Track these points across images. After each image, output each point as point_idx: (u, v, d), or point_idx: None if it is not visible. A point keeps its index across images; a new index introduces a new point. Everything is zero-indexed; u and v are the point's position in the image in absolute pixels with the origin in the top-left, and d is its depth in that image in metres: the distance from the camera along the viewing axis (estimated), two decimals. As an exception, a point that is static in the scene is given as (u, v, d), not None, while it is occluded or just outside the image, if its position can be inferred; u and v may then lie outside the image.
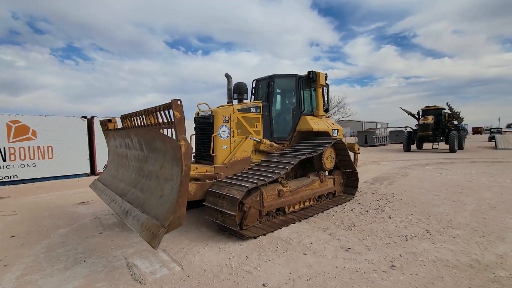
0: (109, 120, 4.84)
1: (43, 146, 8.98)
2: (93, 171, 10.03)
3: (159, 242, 2.41)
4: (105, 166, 5.16)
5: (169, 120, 2.80)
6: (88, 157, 9.88)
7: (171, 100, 2.57)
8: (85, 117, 9.95)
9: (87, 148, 9.87)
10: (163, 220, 2.51)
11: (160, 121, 2.94)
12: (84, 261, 3.21)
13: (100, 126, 5.09)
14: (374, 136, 24.89)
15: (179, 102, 2.59)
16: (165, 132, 2.96)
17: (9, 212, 5.41)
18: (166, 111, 2.78)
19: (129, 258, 3.24)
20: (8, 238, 4.02)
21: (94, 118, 10.01)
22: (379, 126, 44.09)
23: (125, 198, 3.50)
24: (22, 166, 8.63)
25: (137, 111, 3.39)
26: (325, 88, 6.08)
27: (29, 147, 8.73)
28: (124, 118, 3.84)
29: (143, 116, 3.25)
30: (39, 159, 8.90)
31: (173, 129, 2.70)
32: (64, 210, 5.50)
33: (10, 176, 8.44)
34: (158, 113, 2.91)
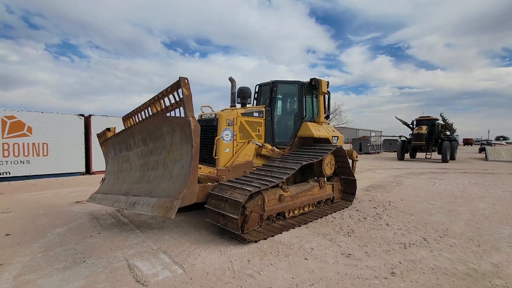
0: (108, 129, 4.79)
1: (38, 143, 8.85)
2: (88, 170, 9.90)
3: (175, 212, 2.40)
4: (103, 180, 5.06)
5: (177, 99, 2.79)
6: (84, 155, 9.76)
7: (179, 77, 2.58)
8: (82, 115, 9.85)
9: (83, 146, 9.76)
10: (176, 194, 2.51)
11: (167, 104, 2.93)
12: (84, 261, 3.17)
13: (98, 124, 5.05)
14: (368, 144, 25.23)
15: (186, 80, 2.59)
16: (172, 115, 2.97)
17: (3, 210, 5.30)
18: (175, 93, 2.78)
19: (130, 259, 3.21)
20: (3, 236, 3.94)
21: (92, 117, 9.92)
22: (373, 134, 44.68)
23: (130, 195, 3.48)
24: (16, 162, 8.47)
25: (141, 105, 3.39)
26: (326, 96, 6.18)
27: (23, 143, 8.59)
28: (126, 118, 3.84)
29: (149, 108, 3.24)
30: (33, 156, 8.75)
31: (181, 108, 2.70)
32: (60, 209, 5.42)
33: (3, 173, 8.28)
34: (166, 98, 2.91)
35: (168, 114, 2.98)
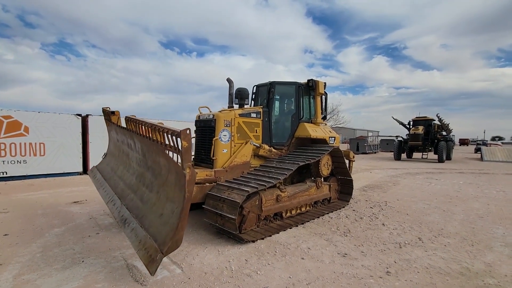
0: (113, 113, 4.71)
1: (35, 143, 8.81)
2: (85, 170, 9.87)
3: (157, 268, 2.40)
4: (105, 155, 5.05)
5: (176, 147, 2.78)
6: (81, 155, 9.74)
7: (180, 130, 2.56)
8: (79, 115, 9.82)
9: (80, 146, 9.73)
10: (161, 244, 2.49)
11: (167, 142, 2.89)
12: (83, 261, 3.19)
13: (96, 124, 4.96)
14: (365, 144, 25.36)
15: (187, 132, 2.58)
16: (169, 154, 2.93)
17: (1, 210, 5.29)
18: (174, 137, 2.76)
19: (129, 259, 3.24)
20: (2, 237, 3.94)
21: (89, 116, 9.89)
22: (370, 134, 44.88)
23: (124, 203, 3.47)
24: (13, 162, 8.44)
25: (143, 121, 3.31)
26: (323, 96, 6.22)
27: (20, 143, 8.56)
28: (128, 120, 3.83)
29: (149, 129, 3.17)
30: (30, 156, 8.72)
31: (179, 156, 2.68)
32: (57, 209, 5.42)
33: (0, 173, 8.24)
34: (165, 134, 2.87)
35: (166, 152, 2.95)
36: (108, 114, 4.77)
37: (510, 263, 3.28)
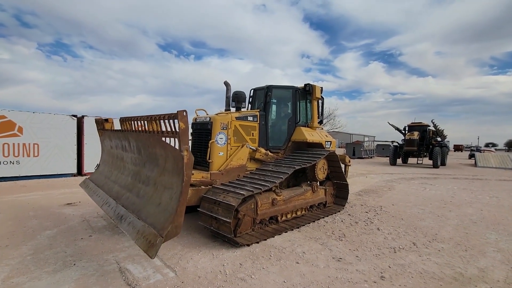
0: (106, 120, 4.74)
1: (29, 144, 8.70)
2: (80, 172, 9.77)
3: (156, 252, 2.38)
4: (98, 165, 5.04)
5: (173, 130, 2.79)
6: (75, 157, 9.64)
7: (177, 111, 2.58)
8: (75, 115, 9.74)
9: (75, 147, 9.64)
10: (160, 229, 2.47)
11: (163, 129, 2.91)
12: (74, 264, 3.14)
13: (91, 125, 4.96)
14: (361, 149, 25.51)
15: (184, 113, 2.60)
16: (166, 141, 2.95)
17: (-9, 211, 5.20)
18: (171, 121, 2.78)
19: (121, 263, 3.20)
20: (-9, 238, 3.87)
21: (85, 117, 9.82)
22: (366, 139, 45.20)
23: (119, 202, 3.45)
24: (5, 163, 8.31)
25: (138, 116, 3.36)
26: (320, 101, 6.26)
27: (14, 143, 8.44)
28: (123, 120, 3.82)
29: (145, 122, 3.21)
30: (23, 156, 8.60)
31: (176, 139, 2.70)
32: (50, 210, 5.34)
33: (-8, 173, 8.12)
34: (162, 121, 2.89)
35: (163, 139, 2.97)
36: (102, 123, 4.80)
37: (503, 268, 3.30)
